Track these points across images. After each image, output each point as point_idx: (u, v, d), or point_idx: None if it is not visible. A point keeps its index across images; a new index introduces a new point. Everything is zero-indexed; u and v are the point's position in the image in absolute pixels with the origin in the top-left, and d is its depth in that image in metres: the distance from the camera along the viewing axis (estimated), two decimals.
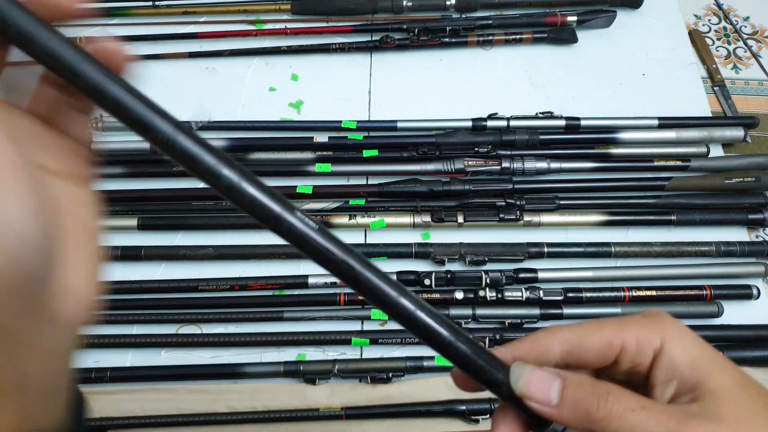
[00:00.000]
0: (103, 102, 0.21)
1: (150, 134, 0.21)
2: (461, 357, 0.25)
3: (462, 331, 0.25)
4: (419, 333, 0.25)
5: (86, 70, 0.21)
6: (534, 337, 0.26)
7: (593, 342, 0.25)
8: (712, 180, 0.72)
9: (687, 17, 0.90)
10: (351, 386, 0.62)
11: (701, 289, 0.65)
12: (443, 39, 0.82)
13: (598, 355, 0.25)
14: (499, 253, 0.67)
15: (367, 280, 0.25)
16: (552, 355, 0.26)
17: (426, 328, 0.25)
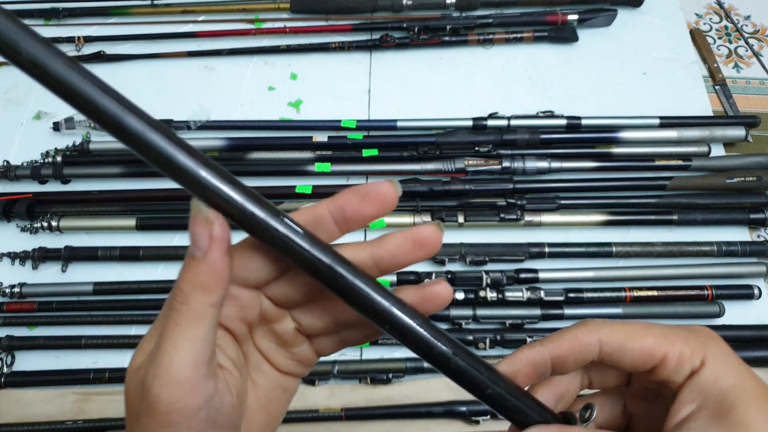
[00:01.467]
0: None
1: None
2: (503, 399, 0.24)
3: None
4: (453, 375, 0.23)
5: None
6: (574, 334, 0.25)
7: (635, 349, 0.24)
8: (714, 179, 0.71)
9: (688, 16, 0.89)
10: (351, 387, 0.62)
11: (702, 289, 0.65)
12: (443, 38, 0.82)
13: (636, 363, 0.24)
14: (499, 253, 0.66)
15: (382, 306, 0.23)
16: (591, 355, 0.25)
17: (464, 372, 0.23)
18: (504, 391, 0.24)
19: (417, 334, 0.23)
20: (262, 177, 0.73)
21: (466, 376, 0.23)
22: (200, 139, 0.74)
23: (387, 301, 0.22)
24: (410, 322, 0.23)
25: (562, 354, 0.25)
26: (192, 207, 0.20)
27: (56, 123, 0.76)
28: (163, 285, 0.66)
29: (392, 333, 0.23)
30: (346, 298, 0.22)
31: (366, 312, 0.22)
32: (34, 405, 0.61)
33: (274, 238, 0.22)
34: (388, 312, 0.22)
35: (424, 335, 0.23)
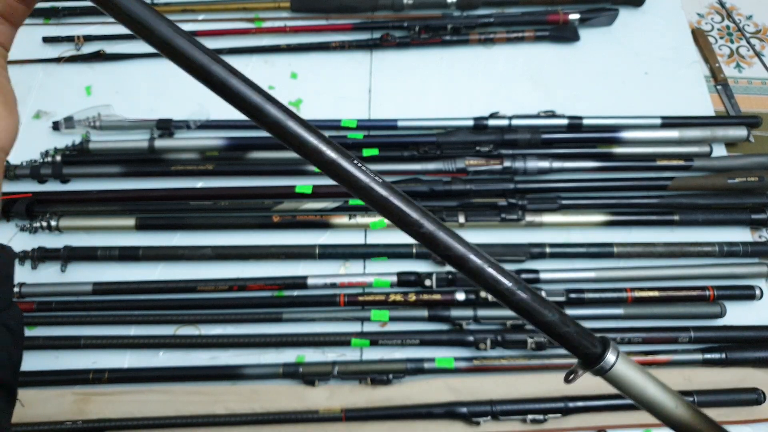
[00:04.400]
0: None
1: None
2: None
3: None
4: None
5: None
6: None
7: None
8: (715, 180, 0.71)
9: (690, 16, 0.89)
10: (351, 388, 0.62)
11: (704, 290, 0.65)
12: (444, 37, 0.82)
13: None
14: (500, 253, 0.66)
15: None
16: None
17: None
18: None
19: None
20: (261, 176, 0.72)
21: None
22: (200, 139, 0.74)
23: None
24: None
25: None
26: None
27: (56, 122, 0.76)
28: (162, 285, 0.65)
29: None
30: None
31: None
32: (34, 405, 0.61)
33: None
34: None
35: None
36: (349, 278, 0.65)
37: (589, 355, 0.27)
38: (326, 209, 0.69)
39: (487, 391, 0.61)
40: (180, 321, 0.65)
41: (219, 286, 0.65)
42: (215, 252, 0.67)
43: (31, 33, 0.86)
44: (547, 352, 0.62)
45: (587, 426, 0.60)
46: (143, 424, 0.59)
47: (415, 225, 0.26)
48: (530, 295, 0.26)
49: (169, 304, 0.65)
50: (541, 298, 0.27)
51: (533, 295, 0.26)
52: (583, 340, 0.26)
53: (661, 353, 0.62)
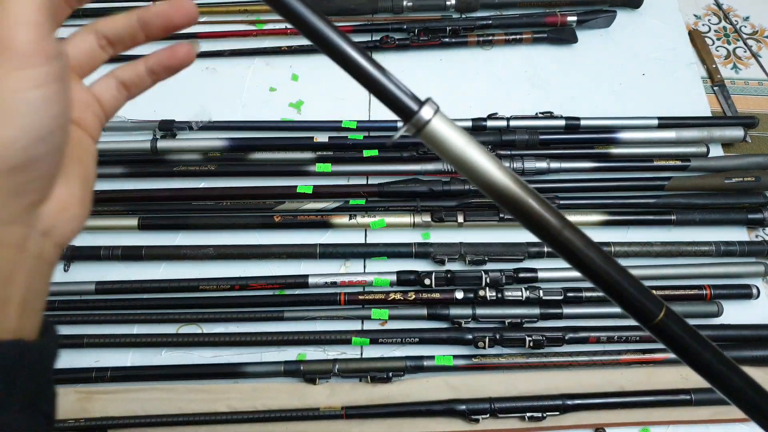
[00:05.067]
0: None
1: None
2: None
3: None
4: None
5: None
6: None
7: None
8: (712, 180, 0.72)
9: (687, 17, 0.90)
10: (351, 386, 0.62)
11: (701, 289, 0.66)
12: (443, 39, 0.82)
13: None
14: (499, 252, 0.67)
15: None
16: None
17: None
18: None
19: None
20: (263, 177, 0.73)
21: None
22: (202, 140, 0.75)
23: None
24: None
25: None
26: None
27: None
28: (165, 284, 0.66)
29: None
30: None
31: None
32: None
33: None
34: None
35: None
36: (350, 277, 0.65)
37: (405, 110, 0.26)
38: (327, 209, 0.70)
39: (486, 388, 0.61)
40: (182, 320, 0.66)
41: (221, 285, 0.65)
42: (217, 251, 0.68)
43: None
44: (545, 350, 0.63)
45: (585, 424, 0.61)
46: (146, 422, 0.60)
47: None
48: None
49: (171, 303, 0.66)
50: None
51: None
52: (399, 94, 0.26)
53: (658, 351, 0.63)
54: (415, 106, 0.26)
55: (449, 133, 0.26)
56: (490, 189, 0.26)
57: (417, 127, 0.26)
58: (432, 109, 0.26)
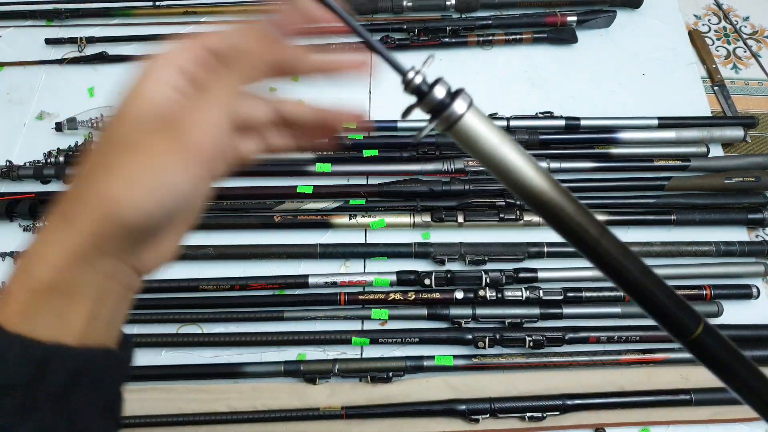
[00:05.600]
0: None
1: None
2: None
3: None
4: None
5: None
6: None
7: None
8: (712, 180, 0.72)
9: (687, 17, 0.90)
10: (351, 386, 0.62)
11: (701, 289, 0.66)
12: (443, 39, 0.82)
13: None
14: (499, 252, 0.67)
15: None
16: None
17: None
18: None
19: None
20: (263, 177, 0.73)
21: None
22: None
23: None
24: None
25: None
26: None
27: (58, 123, 0.77)
28: (164, 284, 0.66)
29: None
30: None
31: None
32: None
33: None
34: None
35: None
36: (350, 277, 0.65)
37: (434, 103, 0.23)
38: (327, 209, 0.70)
39: (485, 388, 0.61)
40: (182, 320, 0.66)
41: (221, 285, 0.65)
42: (217, 251, 0.68)
43: (33, 35, 0.87)
44: (545, 350, 0.63)
45: (585, 424, 0.61)
46: (146, 421, 0.59)
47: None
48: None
49: (171, 303, 0.66)
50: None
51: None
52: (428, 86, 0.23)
53: (659, 351, 0.63)
54: (447, 97, 0.23)
55: (484, 130, 0.22)
56: (525, 192, 0.23)
57: (448, 122, 0.22)
58: (465, 102, 0.23)
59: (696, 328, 0.25)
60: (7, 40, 0.87)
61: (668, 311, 0.25)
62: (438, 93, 0.23)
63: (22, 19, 0.88)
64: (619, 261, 0.24)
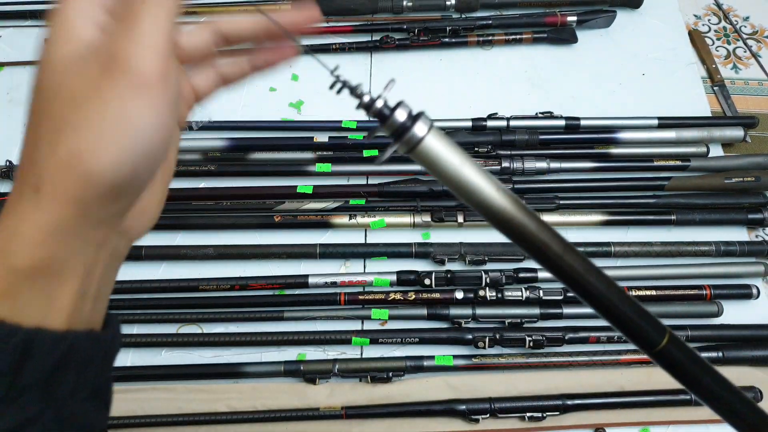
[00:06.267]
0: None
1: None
2: None
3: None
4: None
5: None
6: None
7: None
8: (712, 180, 0.72)
9: (687, 17, 0.90)
10: (351, 386, 0.62)
11: (701, 289, 0.66)
12: (443, 39, 0.82)
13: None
14: (499, 252, 0.67)
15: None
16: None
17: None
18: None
19: None
20: (263, 177, 0.73)
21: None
22: (202, 140, 0.75)
23: None
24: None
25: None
26: None
27: None
28: (164, 284, 0.66)
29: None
30: None
31: None
32: None
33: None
34: None
35: None
36: (350, 277, 0.65)
37: (395, 126, 0.23)
38: (327, 209, 0.70)
39: (485, 388, 0.61)
40: (182, 320, 0.66)
41: (221, 285, 0.65)
42: (217, 251, 0.68)
43: (34, 35, 0.87)
44: (545, 350, 0.63)
45: (585, 424, 0.61)
46: (145, 422, 0.59)
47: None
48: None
49: (171, 303, 0.66)
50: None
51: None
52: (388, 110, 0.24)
53: None
54: (408, 121, 0.23)
55: (444, 152, 0.23)
56: (487, 212, 0.24)
57: (410, 145, 0.23)
58: (426, 125, 0.23)
59: (661, 339, 0.25)
60: (7, 40, 0.87)
61: (633, 324, 0.25)
62: (399, 116, 0.24)
63: (22, 19, 0.88)
64: (582, 276, 0.25)
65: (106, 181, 0.20)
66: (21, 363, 0.20)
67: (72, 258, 0.21)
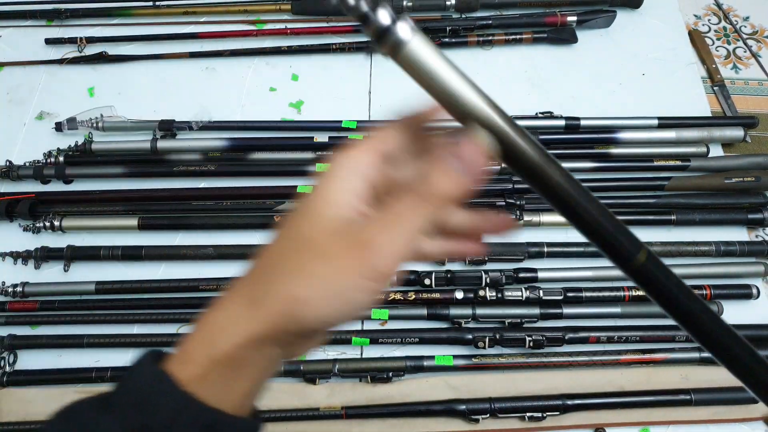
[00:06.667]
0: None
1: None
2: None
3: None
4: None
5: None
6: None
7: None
8: (712, 180, 0.72)
9: (687, 17, 0.90)
10: (351, 386, 0.62)
11: (701, 289, 0.65)
12: (443, 39, 0.82)
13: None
14: (499, 252, 0.67)
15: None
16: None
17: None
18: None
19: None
20: (263, 177, 0.73)
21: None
22: (202, 140, 0.75)
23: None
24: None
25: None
26: (474, 130, 0.26)
27: (58, 123, 0.77)
28: (165, 284, 0.66)
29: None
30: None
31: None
32: (37, 404, 0.61)
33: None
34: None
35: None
36: None
37: (376, 26, 0.22)
38: None
39: (486, 388, 0.61)
40: (182, 320, 0.65)
41: (221, 285, 0.65)
42: (217, 251, 0.68)
43: (34, 35, 0.87)
44: (545, 350, 0.63)
45: (585, 424, 0.61)
46: None
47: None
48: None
49: (171, 303, 0.66)
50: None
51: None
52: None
53: (659, 351, 0.63)
54: (390, 21, 0.22)
55: (430, 57, 0.23)
56: (470, 119, 0.25)
57: (392, 48, 0.22)
58: (409, 27, 0.22)
59: (637, 254, 0.26)
60: (7, 40, 0.87)
61: (611, 237, 0.26)
62: (381, 17, 0.22)
63: (22, 19, 0.88)
64: (562, 187, 0.25)
65: (308, 326, 0.24)
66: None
67: (254, 363, 0.25)
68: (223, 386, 0.24)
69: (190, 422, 0.23)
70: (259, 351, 0.25)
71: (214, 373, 0.24)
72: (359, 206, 0.25)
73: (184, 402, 0.23)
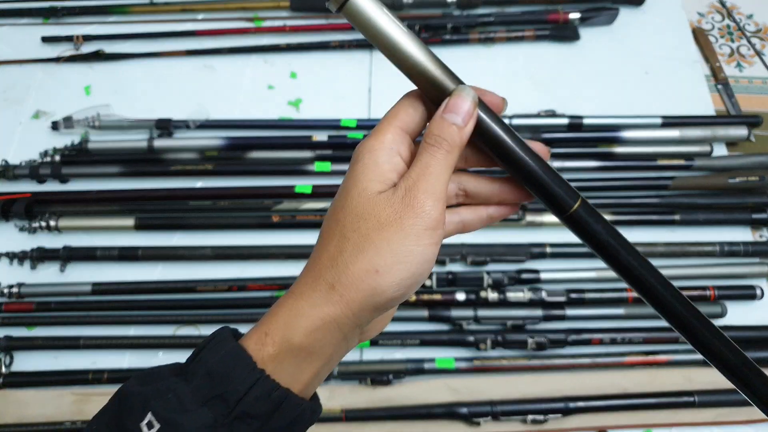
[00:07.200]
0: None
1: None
2: None
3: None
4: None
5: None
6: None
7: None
8: (716, 179, 0.71)
9: (690, 15, 0.89)
10: (351, 388, 0.61)
11: (705, 290, 0.65)
12: (444, 36, 0.82)
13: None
14: (501, 253, 0.66)
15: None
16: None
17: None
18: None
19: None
20: (261, 176, 0.72)
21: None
22: (199, 138, 0.74)
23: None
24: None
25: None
26: (459, 88, 0.28)
27: (55, 122, 0.76)
28: (162, 285, 0.65)
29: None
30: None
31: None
32: (33, 405, 0.61)
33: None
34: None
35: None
36: None
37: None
38: (326, 209, 0.69)
39: (487, 391, 0.61)
40: (179, 321, 0.65)
41: (218, 286, 0.65)
42: (215, 252, 0.67)
43: (30, 33, 0.86)
44: (547, 352, 0.62)
45: (587, 426, 0.60)
46: None
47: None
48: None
49: (168, 304, 0.65)
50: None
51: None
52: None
53: (662, 353, 0.62)
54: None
55: (374, 12, 0.25)
56: (413, 74, 0.27)
57: (338, 1, 0.24)
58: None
59: (573, 203, 0.28)
60: (3, 38, 0.86)
61: (547, 186, 0.28)
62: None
63: (18, 17, 0.87)
64: (503, 139, 0.28)
65: (387, 296, 0.25)
66: (272, 413, 0.25)
67: (327, 345, 0.26)
68: (295, 368, 0.25)
69: (261, 397, 0.24)
70: (335, 333, 0.26)
71: (289, 355, 0.25)
72: (396, 178, 0.27)
73: (258, 378, 0.24)
